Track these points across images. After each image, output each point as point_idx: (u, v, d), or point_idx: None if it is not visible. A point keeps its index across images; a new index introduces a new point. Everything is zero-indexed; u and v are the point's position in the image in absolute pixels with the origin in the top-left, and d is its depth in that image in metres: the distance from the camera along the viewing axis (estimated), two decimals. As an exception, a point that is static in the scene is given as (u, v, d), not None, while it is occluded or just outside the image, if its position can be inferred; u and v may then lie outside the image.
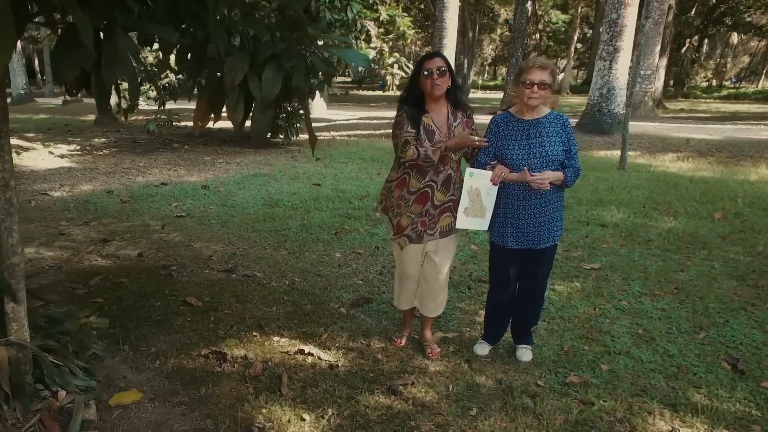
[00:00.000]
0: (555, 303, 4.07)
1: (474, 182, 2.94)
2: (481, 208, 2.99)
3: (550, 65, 2.96)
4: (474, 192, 2.95)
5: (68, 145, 11.28)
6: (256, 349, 3.36)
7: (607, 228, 6.03)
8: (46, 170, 8.93)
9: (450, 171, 3.06)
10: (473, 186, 2.94)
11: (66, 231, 5.74)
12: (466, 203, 2.97)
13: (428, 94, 3.01)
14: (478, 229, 3.11)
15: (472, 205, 2.98)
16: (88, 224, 5.99)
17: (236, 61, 2.82)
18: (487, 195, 2.98)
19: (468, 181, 2.94)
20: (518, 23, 21.36)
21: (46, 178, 8.40)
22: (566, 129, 3.02)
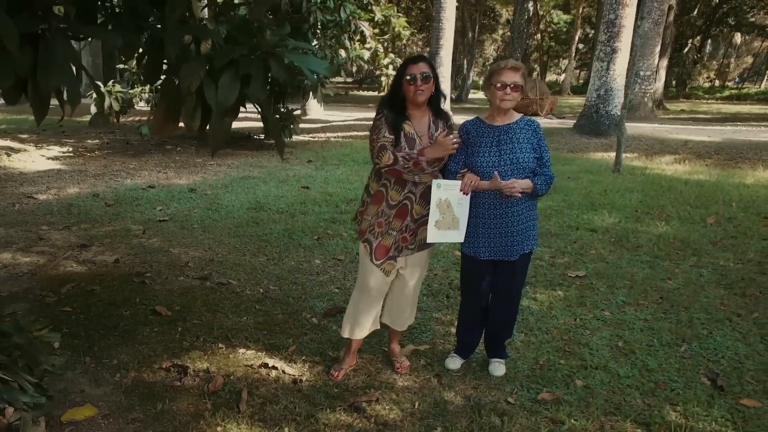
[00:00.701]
0: (535, 313, 3.95)
1: (442, 193, 2.81)
2: (454, 219, 2.86)
3: (521, 67, 2.84)
4: (444, 204, 2.83)
5: (61, 147, 11.20)
6: (220, 362, 3.25)
7: (597, 233, 5.90)
8: (35, 172, 8.84)
9: (430, 183, 2.89)
10: (442, 198, 2.82)
11: (46, 236, 5.64)
12: (436, 216, 2.84)
13: (410, 100, 2.86)
14: (454, 242, 2.97)
15: (443, 217, 2.85)
16: (69, 229, 5.89)
17: (192, 67, 2.70)
18: (458, 205, 2.85)
19: (436, 192, 2.81)
20: (518, 23, 21.22)
21: (34, 180, 8.31)
22: (537, 135, 2.90)
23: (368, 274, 3.00)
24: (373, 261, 2.93)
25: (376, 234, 2.93)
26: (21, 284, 4.39)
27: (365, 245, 2.95)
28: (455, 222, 2.86)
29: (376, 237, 2.93)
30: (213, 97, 2.68)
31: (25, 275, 4.59)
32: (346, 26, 10.73)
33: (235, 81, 2.67)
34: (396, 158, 2.79)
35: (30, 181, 8.20)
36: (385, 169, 2.83)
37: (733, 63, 44.19)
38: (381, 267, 2.96)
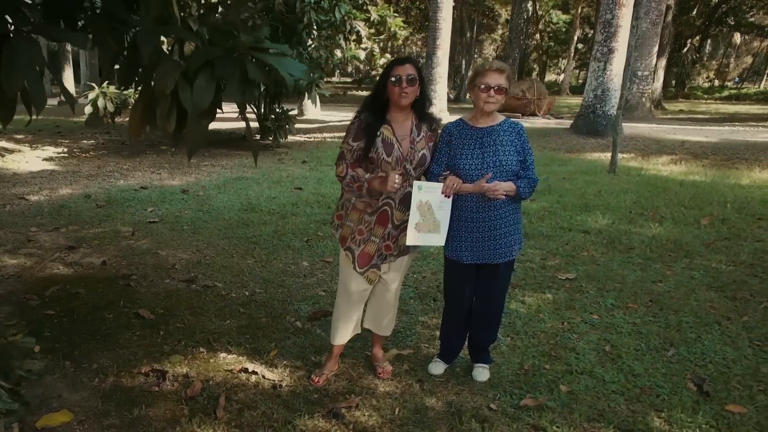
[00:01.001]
0: (523, 317, 3.90)
1: (423, 195, 2.76)
2: (435, 222, 2.81)
3: (507, 69, 2.79)
4: (424, 206, 2.77)
5: (56, 147, 11.16)
6: (200, 367, 3.20)
7: (590, 235, 5.85)
8: (28, 173, 8.80)
9: (409, 188, 2.83)
10: (422, 200, 2.76)
11: (35, 237, 5.59)
12: (416, 218, 2.78)
13: (394, 103, 2.78)
14: (435, 245, 2.92)
15: (424, 220, 2.79)
16: (58, 230, 5.84)
17: (167, 69, 2.65)
18: (439, 208, 2.80)
19: (416, 194, 2.76)
20: (516, 23, 21.16)
21: (27, 181, 8.27)
22: (521, 137, 2.85)
23: (349, 279, 2.96)
24: (356, 269, 2.89)
25: (358, 241, 2.88)
26: (6, 287, 4.35)
27: (347, 253, 2.90)
28: (436, 225, 2.80)
29: (358, 245, 2.88)
30: (188, 99, 2.63)
31: (10, 278, 4.54)
32: (341, 26, 10.67)
33: (210, 83, 2.62)
34: (346, 174, 2.79)
35: (23, 182, 8.16)
36: (338, 179, 2.85)
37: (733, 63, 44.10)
38: (365, 275, 2.91)
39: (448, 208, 2.80)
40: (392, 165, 2.77)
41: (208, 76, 2.64)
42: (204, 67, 2.69)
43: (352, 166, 2.80)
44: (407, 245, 2.84)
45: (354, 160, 2.82)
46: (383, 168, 2.77)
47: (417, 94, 2.81)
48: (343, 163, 2.81)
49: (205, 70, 2.66)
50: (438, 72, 15.26)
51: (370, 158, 2.79)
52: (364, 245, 2.87)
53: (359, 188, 2.77)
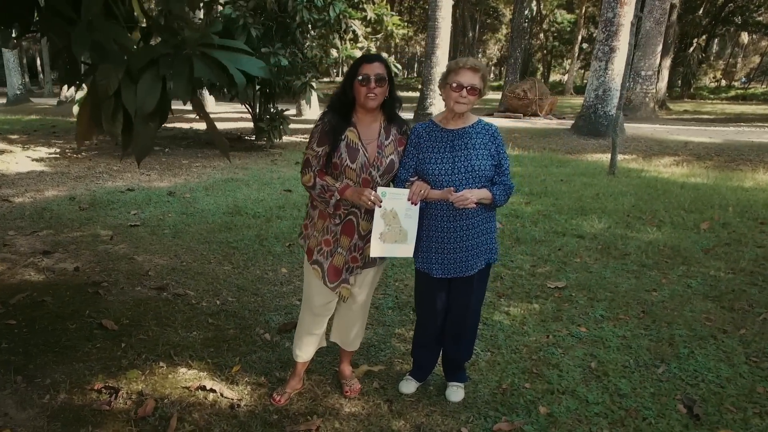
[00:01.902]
0: (506, 329, 3.68)
1: (387, 203, 2.54)
2: (401, 231, 2.60)
3: (482, 68, 2.57)
4: (389, 214, 2.56)
5: (48, 148, 11.01)
6: (156, 383, 3.00)
7: (584, 240, 5.62)
8: (16, 174, 8.64)
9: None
10: (387, 207, 2.55)
11: (11, 241, 5.42)
12: (380, 228, 2.56)
13: (360, 104, 2.57)
14: (402, 256, 2.70)
15: (389, 229, 2.58)
16: (36, 234, 5.67)
17: (109, 68, 2.46)
18: (406, 217, 2.58)
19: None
20: (518, 22, 20.88)
21: (13, 182, 8.11)
22: (496, 141, 2.63)
23: (312, 292, 2.76)
24: (326, 284, 2.68)
25: (325, 254, 2.67)
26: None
27: (315, 267, 2.69)
28: (403, 235, 2.59)
29: (326, 257, 2.67)
30: (131, 100, 2.44)
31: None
32: (336, 25, 10.47)
33: (155, 83, 2.43)
34: (315, 183, 2.57)
35: (9, 184, 8.00)
36: (305, 188, 2.62)
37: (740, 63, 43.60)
38: (336, 291, 2.71)
39: (416, 216, 2.59)
40: (356, 172, 2.56)
41: (153, 75, 2.45)
42: (149, 66, 2.50)
43: (320, 174, 2.59)
44: (371, 256, 2.62)
45: (320, 167, 2.61)
46: (347, 175, 2.57)
47: (386, 94, 2.61)
48: (309, 171, 2.59)
49: (150, 70, 2.48)
50: (437, 72, 14.98)
51: (334, 164, 2.58)
52: (331, 258, 2.67)
53: (330, 197, 2.56)
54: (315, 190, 2.57)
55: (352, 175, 2.56)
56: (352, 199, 2.52)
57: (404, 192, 2.56)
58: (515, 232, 5.80)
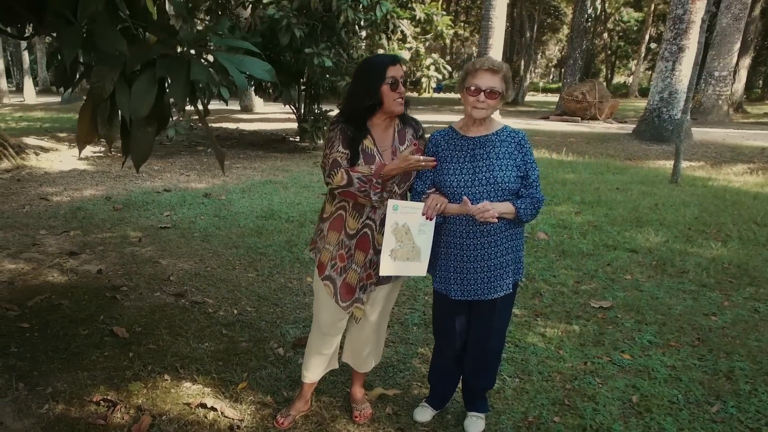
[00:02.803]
0: (539, 353, 3.42)
1: (400, 217, 2.36)
2: (414, 249, 2.41)
3: (503, 69, 2.34)
4: (401, 230, 2.38)
5: (94, 147, 11.33)
6: (157, 398, 2.91)
7: (637, 254, 5.27)
8: (58, 173, 8.90)
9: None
10: (399, 222, 2.36)
11: (41, 241, 5.52)
12: (391, 244, 2.38)
13: (385, 109, 2.39)
14: (415, 275, 2.50)
15: (401, 246, 2.39)
16: (67, 234, 5.75)
17: (103, 70, 2.37)
18: (420, 232, 2.39)
19: (391, 216, 2.35)
20: (578, 21, 20.26)
21: (54, 181, 8.34)
22: (523, 149, 2.40)
23: (321, 310, 2.61)
24: (339, 303, 2.52)
25: (339, 269, 2.51)
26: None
27: (327, 283, 2.53)
28: (416, 252, 2.40)
29: (339, 273, 2.51)
30: (125, 103, 2.34)
31: (2, 284, 4.42)
32: (382, 25, 10.34)
33: (151, 86, 2.32)
34: (351, 179, 2.34)
35: (50, 182, 8.24)
36: (339, 191, 2.41)
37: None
38: (348, 311, 2.55)
39: (431, 233, 2.40)
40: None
41: (148, 78, 2.34)
42: (146, 68, 2.41)
43: (352, 169, 2.38)
44: (380, 274, 2.44)
45: (349, 165, 2.42)
46: None
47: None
48: (338, 171, 2.36)
49: (146, 72, 2.38)
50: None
51: None
52: (345, 274, 2.51)
53: (372, 185, 2.35)
54: (353, 186, 2.33)
55: None
56: (397, 170, 2.34)
57: (418, 206, 2.37)
58: (561, 244, 5.49)
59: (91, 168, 9.33)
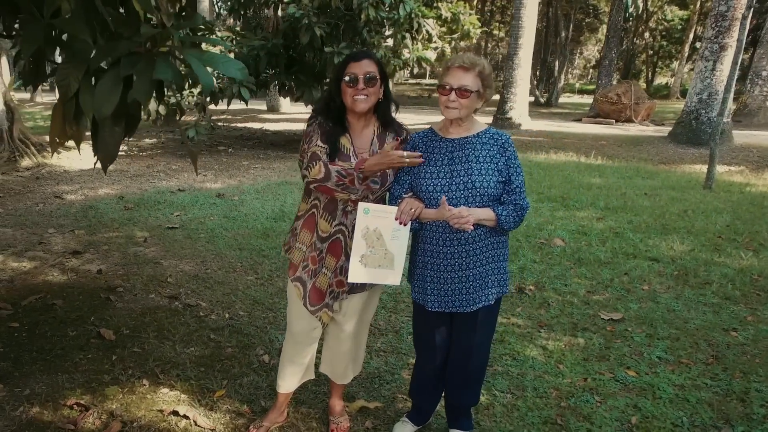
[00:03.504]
0: (537, 367, 3.27)
1: (371, 221, 2.26)
2: (386, 255, 2.30)
3: (478, 65, 2.21)
4: (372, 235, 2.27)
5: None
6: (131, 404, 2.86)
7: (658, 263, 5.05)
8: (77, 171, 9.05)
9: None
10: (370, 226, 2.26)
11: (47, 240, 5.57)
12: (362, 250, 2.27)
13: (349, 108, 2.31)
14: (387, 284, 2.38)
15: (372, 252, 2.28)
16: (73, 233, 5.81)
17: (68, 69, 2.33)
18: (393, 238, 2.28)
19: (362, 219, 2.25)
20: (615, 20, 19.82)
21: (72, 179, 8.48)
22: (506, 153, 2.27)
23: (293, 316, 2.53)
24: (307, 306, 2.44)
25: (310, 272, 2.42)
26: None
27: (297, 285, 2.45)
28: (389, 259, 2.29)
29: (310, 276, 2.43)
30: (88, 103, 2.30)
31: (2, 282, 4.47)
32: (405, 24, 10.24)
33: (115, 85, 2.27)
34: (328, 172, 2.23)
35: (67, 180, 8.37)
36: (315, 185, 2.30)
37: None
38: (317, 315, 2.46)
39: (405, 239, 2.29)
40: None
41: (113, 76, 2.29)
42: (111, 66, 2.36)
43: (331, 163, 2.27)
44: (348, 280, 2.34)
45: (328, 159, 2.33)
46: None
47: (379, 96, 2.34)
48: (317, 164, 2.24)
49: (111, 70, 2.33)
50: (518, 74, 14.48)
51: None
52: (315, 278, 2.42)
53: (352, 181, 2.25)
54: (331, 180, 2.22)
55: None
56: (376, 166, 2.23)
57: (391, 210, 2.27)
58: (578, 251, 5.30)
59: (111, 167, 9.44)
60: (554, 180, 8.46)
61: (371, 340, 3.58)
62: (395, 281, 2.32)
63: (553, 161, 10.27)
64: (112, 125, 2.44)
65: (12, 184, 7.99)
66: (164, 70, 2.24)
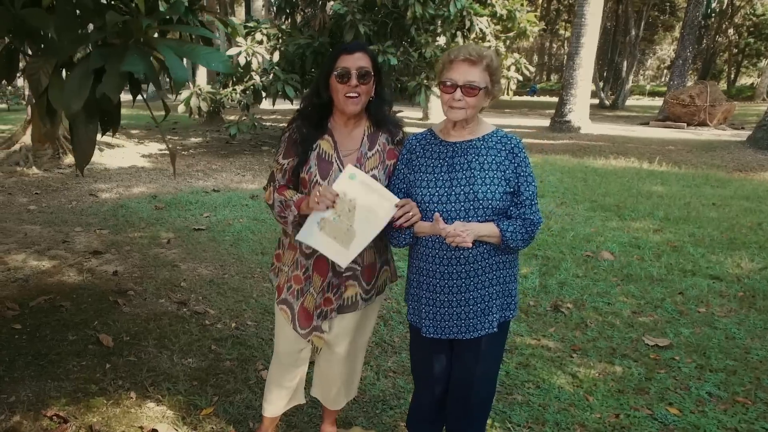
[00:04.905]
0: (563, 398, 2.97)
1: (352, 188, 2.01)
2: (348, 232, 2.03)
3: (485, 57, 1.96)
4: (346, 203, 2.01)
5: (161, 144, 11.73)
6: (112, 418, 2.75)
7: (720, 283, 4.62)
8: (117, 169, 9.22)
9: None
10: (348, 193, 2.01)
11: (71, 238, 5.62)
12: (326, 213, 2.03)
13: (338, 106, 2.13)
14: (333, 260, 2.09)
15: (335, 221, 2.02)
16: (99, 231, 5.85)
17: (39, 62, 2.23)
18: (365, 220, 2.02)
19: (344, 182, 2.02)
20: (692, 16, 18.89)
21: (110, 177, 8.63)
22: (515, 159, 2.01)
23: (279, 336, 2.38)
24: (297, 330, 2.26)
25: (296, 293, 2.25)
26: (4, 290, 4.29)
27: (284, 309, 2.28)
28: (348, 236, 2.02)
29: (296, 297, 2.26)
30: (57, 98, 2.18)
31: (18, 281, 4.50)
32: (456, 22, 9.97)
33: (85, 79, 2.15)
34: (273, 201, 2.16)
35: (105, 179, 8.52)
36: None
37: None
38: (308, 339, 2.28)
39: (377, 228, 2.02)
40: None
41: (82, 70, 2.17)
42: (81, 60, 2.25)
43: (280, 189, 2.18)
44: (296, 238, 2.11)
45: (285, 182, 2.19)
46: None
47: (371, 94, 2.14)
48: (270, 186, 2.21)
49: (82, 63, 2.21)
50: (579, 75, 13.94)
51: (302, 180, 2.15)
52: (302, 298, 2.24)
53: (287, 214, 2.12)
54: (275, 209, 2.15)
55: None
56: (307, 209, 2.06)
57: (380, 189, 2.02)
58: (627, 266, 4.92)
59: (150, 165, 9.60)
60: (610, 187, 8.02)
61: (381, 359, 3.37)
62: (342, 263, 2.06)
63: (612, 167, 9.78)
64: (86, 122, 2.32)
65: (51, 181, 8.19)
66: (134, 62, 2.10)
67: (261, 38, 10.06)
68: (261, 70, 10.00)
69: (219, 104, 10.14)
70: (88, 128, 2.34)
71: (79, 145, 2.37)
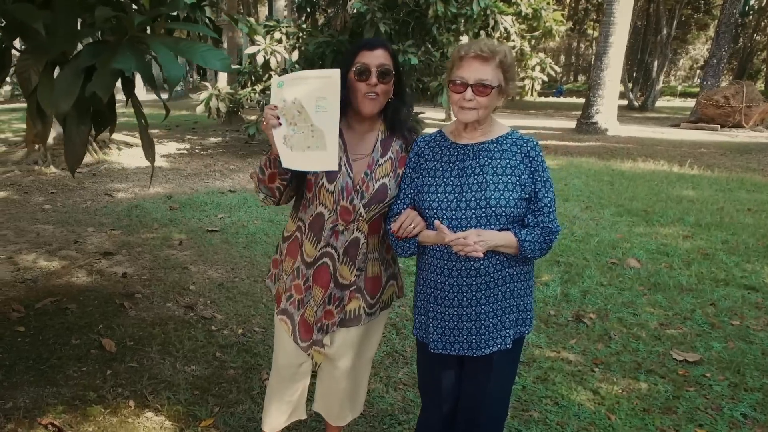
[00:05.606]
0: (583, 416, 2.82)
1: (288, 93, 1.84)
2: (313, 133, 1.84)
3: (498, 53, 1.81)
4: (292, 108, 1.84)
5: (180, 144, 11.76)
6: (109, 428, 2.67)
7: (756, 293, 4.42)
8: (134, 169, 9.24)
9: (357, 234, 2.04)
10: (287, 98, 1.84)
11: (83, 239, 5.60)
12: (283, 130, 1.86)
13: (354, 106, 1.98)
14: (323, 169, 1.93)
15: (295, 130, 1.85)
16: (111, 232, 5.82)
17: (29, 60, 2.16)
18: (319, 109, 1.82)
19: (277, 94, 1.86)
20: (728, 14, 18.43)
21: (127, 177, 8.65)
22: (532, 163, 1.87)
23: (278, 348, 2.27)
24: (297, 342, 2.16)
25: (296, 303, 2.14)
26: (12, 291, 4.26)
27: (284, 319, 2.18)
28: (317, 136, 1.84)
29: (296, 308, 2.14)
30: (46, 98, 2.11)
31: (26, 281, 4.47)
32: (479, 21, 9.82)
33: (75, 77, 2.07)
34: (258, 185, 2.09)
35: (121, 178, 8.54)
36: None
37: None
38: (308, 353, 2.17)
39: (334, 110, 1.82)
40: (334, 197, 1.98)
41: (71, 70, 2.09)
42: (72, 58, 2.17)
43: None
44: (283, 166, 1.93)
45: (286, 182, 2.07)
46: (322, 199, 2.01)
47: (390, 95, 2.00)
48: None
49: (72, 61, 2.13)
50: (607, 75, 13.67)
51: (307, 182, 2.03)
52: (303, 309, 2.13)
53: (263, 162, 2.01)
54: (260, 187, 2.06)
55: (328, 200, 1.99)
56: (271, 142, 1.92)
57: (309, 74, 1.85)
58: (655, 274, 4.73)
59: (168, 165, 9.61)
60: (638, 191, 7.80)
61: (392, 369, 3.25)
62: (332, 166, 1.88)
63: (640, 170, 9.53)
64: (77, 123, 2.25)
65: (68, 180, 8.22)
66: (126, 59, 2.02)
67: (280, 37, 10.01)
68: (280, 69, 9.97)
69: (238, 104, 10.12)
70: (80, 129, 2.27)
71: (70, 146, 2.29)
